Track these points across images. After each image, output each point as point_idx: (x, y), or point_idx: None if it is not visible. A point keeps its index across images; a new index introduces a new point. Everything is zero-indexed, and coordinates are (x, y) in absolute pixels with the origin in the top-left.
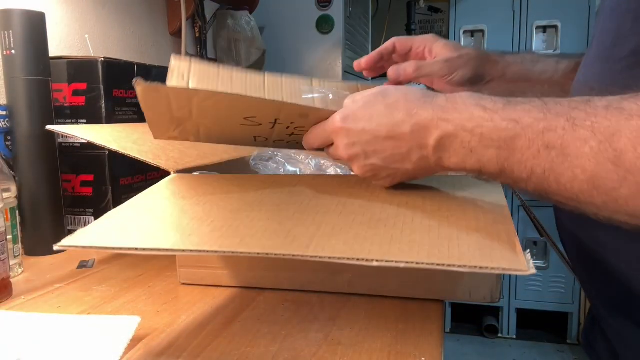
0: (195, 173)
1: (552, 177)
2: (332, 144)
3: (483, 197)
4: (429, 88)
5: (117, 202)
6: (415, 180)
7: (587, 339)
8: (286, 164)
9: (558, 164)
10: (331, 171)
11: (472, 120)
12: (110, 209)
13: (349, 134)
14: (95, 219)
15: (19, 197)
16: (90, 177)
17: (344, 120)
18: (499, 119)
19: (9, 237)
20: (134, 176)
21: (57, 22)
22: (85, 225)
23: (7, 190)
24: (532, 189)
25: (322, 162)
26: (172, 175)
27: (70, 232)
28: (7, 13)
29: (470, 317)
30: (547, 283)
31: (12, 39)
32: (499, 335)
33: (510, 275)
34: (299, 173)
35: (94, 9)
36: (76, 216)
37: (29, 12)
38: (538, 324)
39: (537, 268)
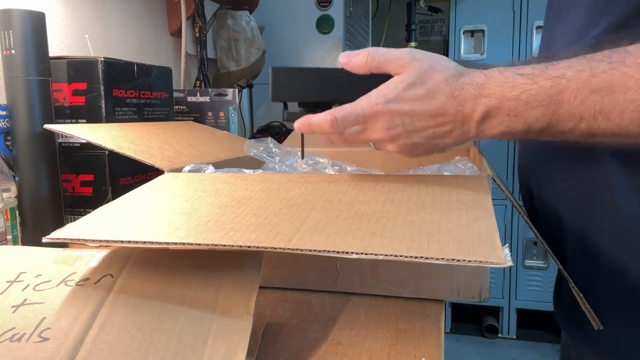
0: (187, 167)
1: (602, 117)
2: (360, 128)
3: (468, 195)
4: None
5: None
6: (404, 177)
7: (568, 319)
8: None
9: (606, 103)
10: (329, 172)
11: (515, 87)
12: None
13: (392, 115)
14: None
15: (19, 197)
16: (90, 177)
17: (387, 102)
18: (543, 79)
19: (9, 237)
20: (133, 176)
21: (57, 22)
22: None
23: (7, 190)
24: (578, 135)
25: (321, 160)
26: (165, 174)
27: None
28: (7, 13)
29: (470, 317)
30: (547, 283)
31: (12, 39)
32: (499, 335)
33: (510, 276)
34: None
35: (94, 9)
36: (76, 216)
37: (29, 12)
38: (538, 324)
39: (537, 268)
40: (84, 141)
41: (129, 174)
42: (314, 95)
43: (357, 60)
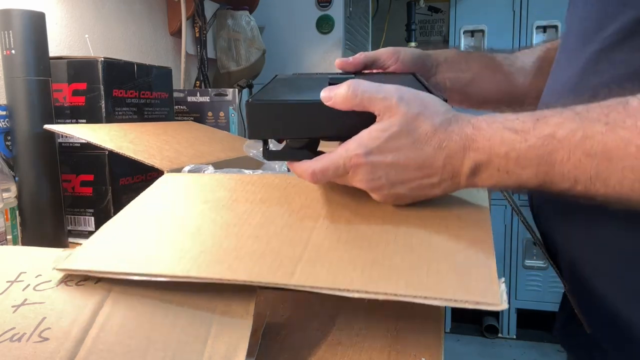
0: (186, 168)
1: (599, 183)
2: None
3: (467, 207)
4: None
5: (117, 202)
6: None
7: (565, 332)
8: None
9: (603, 169)
10: None
11: (503, 144)
12: (110, 209)
13: (374, 168)
14: (95, 219)
15: (19, 197)
16: (90, 177)
17: (368, 154)
18: (532, 137)
19: (9, 237)
20: (133, 176)
21: (57, 22)
22: (85, 225)
23: (7, 190)
24: (578, 195)
25: None
26: (165, 176)
27: (70, 232)
28: (7, 13)
29: (470, 317)
30: (547, 283)
31: (12, 39)
32: (499, 335)
33: (510, 276)
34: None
35: (94, 9)
36: (76, 216)
37: (29, 12)
38: (538, 324)
39: (537, 268)
40: (84, 141)
41: (129, 174)
42: (295, 132)
43: (337, 95)
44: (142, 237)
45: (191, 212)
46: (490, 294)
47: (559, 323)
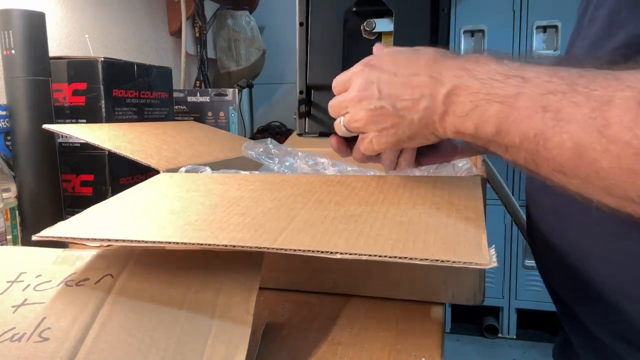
0: (183, 168)
1: (541, 142)
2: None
3: (460, 196)
4: None
5: None
6: (398, 178)
7: (563, 355)
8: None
9: (549, 127)
10: (329, 172)
11: (488, 72)
12: None
13: (369, 73)
14: None
15: (19, 197)
16: (90, 177)
17: (367, 62)
18: (512, 74)
19: (9, 237)
20: (133, 176)
21: (57, 22)
22: None
23: (7, 190)
24: (522, 159)
25: (321, 160)
26: (160, 174)
27: None
28: (7, 13)
29: (470, 317)
30: None
31: (12, 39)
32: (499, 335)
33: (510, 276)
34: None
35: (94, 9)
36: None
37: (29, 12)
38: (538, 324)
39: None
40: (83, 141)
41: (129, 174)
42: None
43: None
44: (126, 214)
45: (179, 196)
46: (479, 256)
47: (557, 344)
